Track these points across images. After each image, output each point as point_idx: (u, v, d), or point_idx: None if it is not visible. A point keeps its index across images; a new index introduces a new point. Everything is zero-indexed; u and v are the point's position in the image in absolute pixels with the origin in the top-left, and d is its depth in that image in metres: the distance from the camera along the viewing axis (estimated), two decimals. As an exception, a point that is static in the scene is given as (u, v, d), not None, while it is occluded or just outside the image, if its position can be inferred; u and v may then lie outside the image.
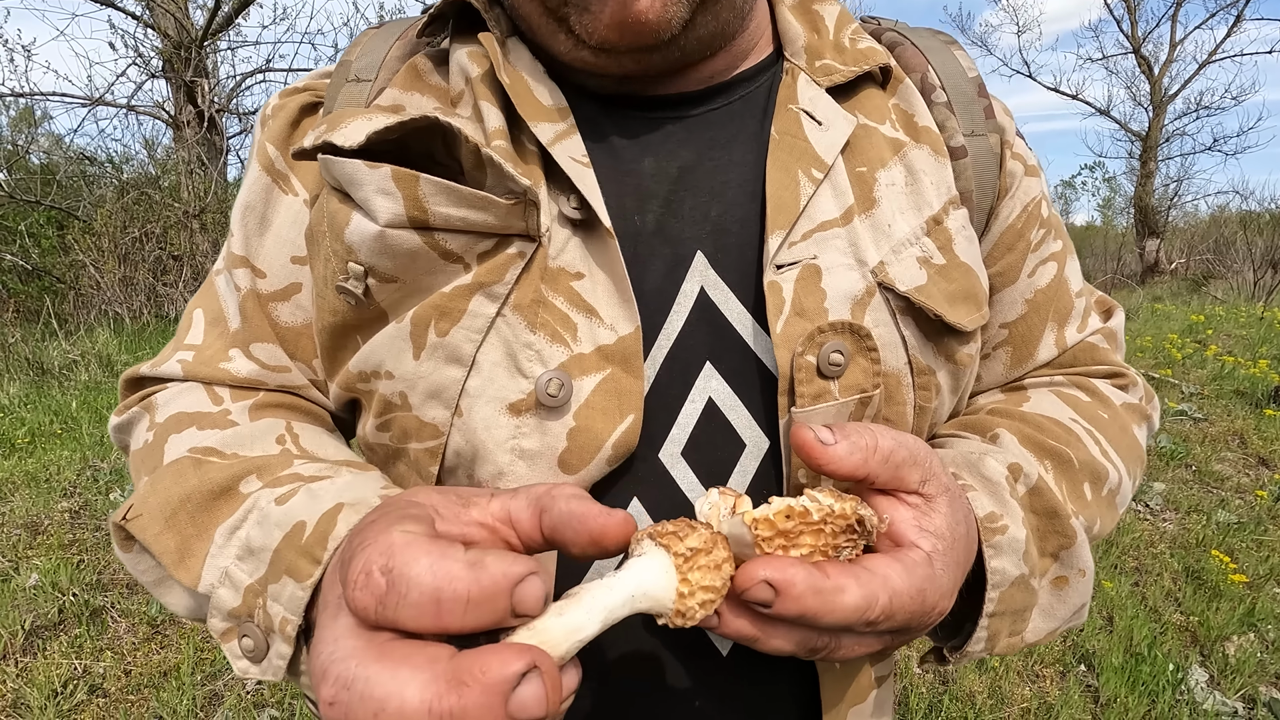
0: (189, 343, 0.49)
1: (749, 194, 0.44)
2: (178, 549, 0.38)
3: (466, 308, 0.39)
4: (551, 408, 0.39)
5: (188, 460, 0.40)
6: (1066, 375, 0.54)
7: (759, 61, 0.48)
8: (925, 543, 0.34)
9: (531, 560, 0.26)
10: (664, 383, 0.41)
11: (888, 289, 0.42)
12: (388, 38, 0.49)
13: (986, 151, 0.48)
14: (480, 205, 0.37)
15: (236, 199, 0.49)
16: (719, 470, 0.42)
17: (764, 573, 0.29)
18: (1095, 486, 0.47)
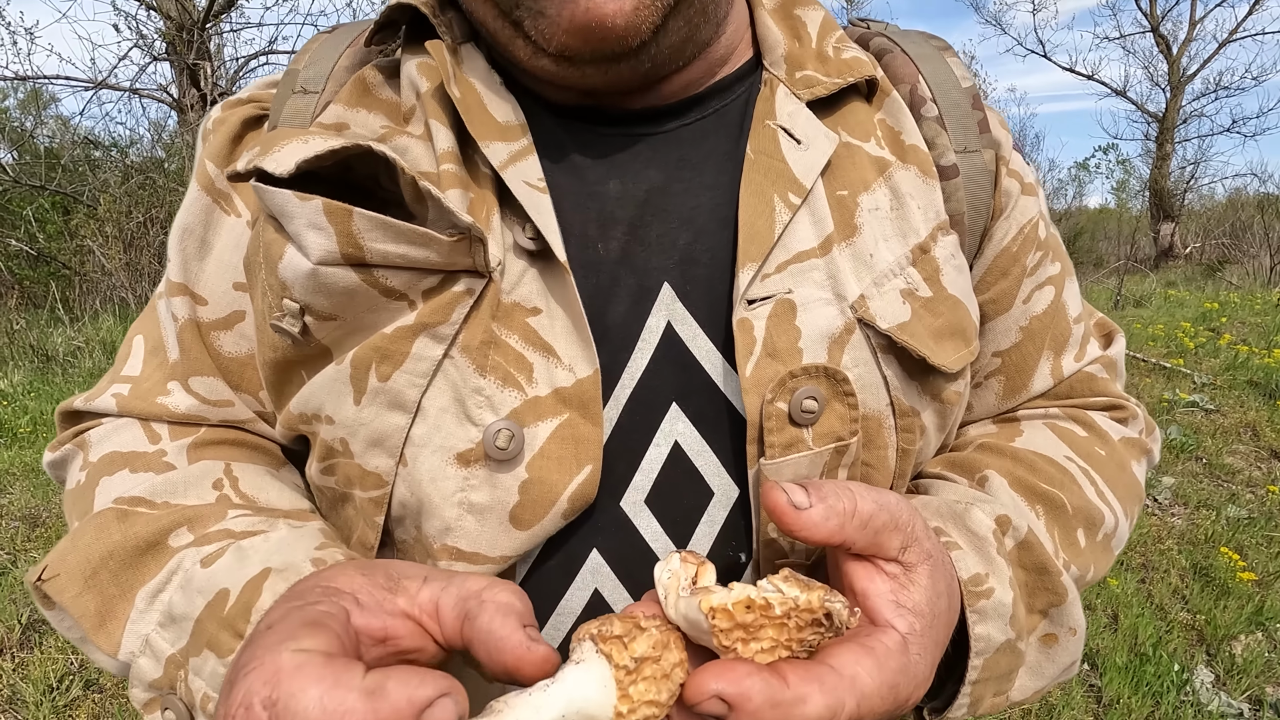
0: (126, 374, 0.46)
1: (721, 220, 0.40)
2: (98, 612, 0.36)
3: (410, 350, 0.36)
4: (502, 461, 0.36)
5: (112, 513, 0.38)
6: (1062, 407, 0.51)
7: (736, 69, 0.44)
8: (901, 623, 0.31)
9: (442, 679, 0.23)
10: (626, 426, 0.39)
11: (868, 326, 0.39)
12: (338, 45, 0.45)
13: (980, 169, 0.45)
14: (420, 241, 0.34)
15: (175, 221, 0.45)
16: (685, 520, 0.39)
17: (716, 685, 0.26)
18: (1089, 532, 0.44)
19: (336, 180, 0.35)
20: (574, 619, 0.38)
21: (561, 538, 0.38)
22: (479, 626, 0.26)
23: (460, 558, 0.36)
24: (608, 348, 0.39)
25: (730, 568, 0.40)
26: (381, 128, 0.41)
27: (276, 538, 0.36)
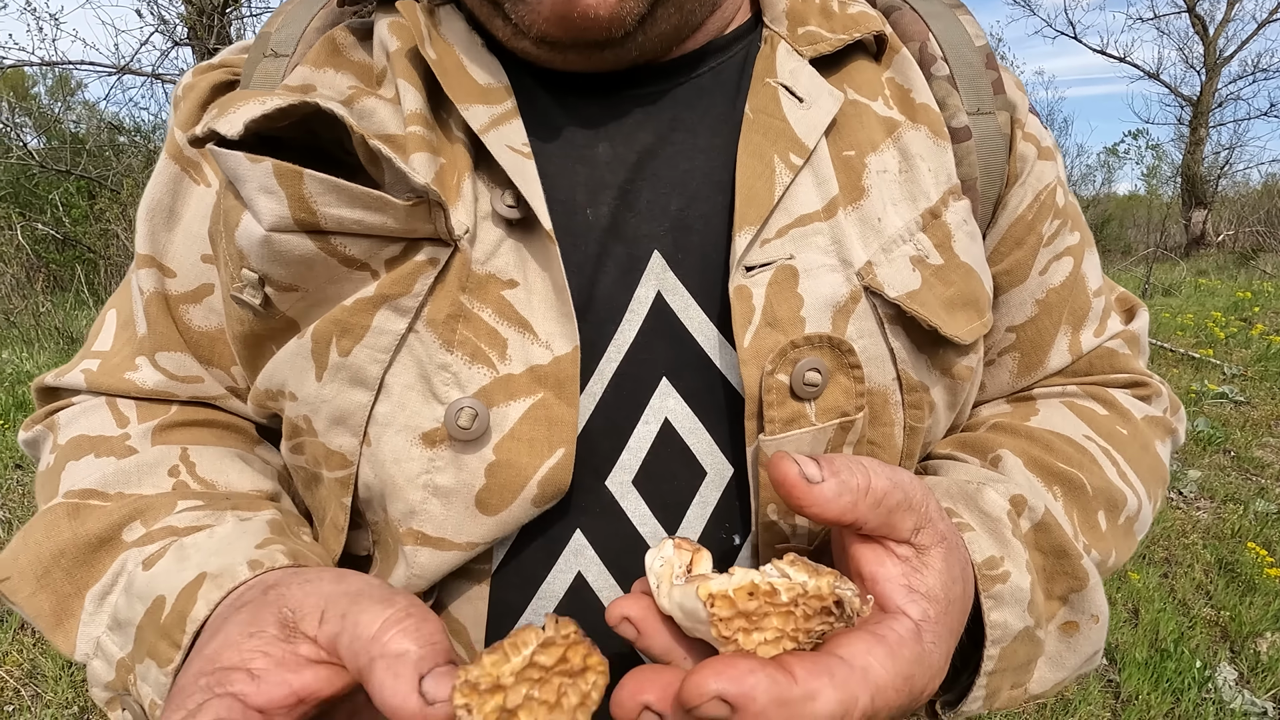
0: (97, 349, 0.45)
1: (716, 184, 0.38)
2: (53, 611, 0.35)
3: (370, 324, 0.34)
4: (467, 441, 0.34)
5: (63, 508, 0.37)
6: (1081, 385, 0.48)
7: (734, 29, 0.42)
8: (914, 609, 0.29)
9: None
10: (612, 403, 0.37)
11: (875, 294, 0.37)
12: (311, 7, 0.43)
13: (994, 132, 0.42)
14: (375, 205, 0.32)
15: (145, 191, 0.44)
16: (675, 501, 0.37)
17: (716, 685, 0.23)
18: (1111, 515, 0.41)
19: (302, 146, 0.33)
20: (555, 603, 0.37)
21: (543, 519, 0.36)
22: (373, 687, 0.23)
23: (426, 542, 0.35)
24: (592, 320, 0.37)
25: (723, 552, 0.38)
26: (349, 88, 0.38)
27: (220, 534, 0.34)
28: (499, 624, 0.37)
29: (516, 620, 0.37)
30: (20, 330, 4.87)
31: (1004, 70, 0.44)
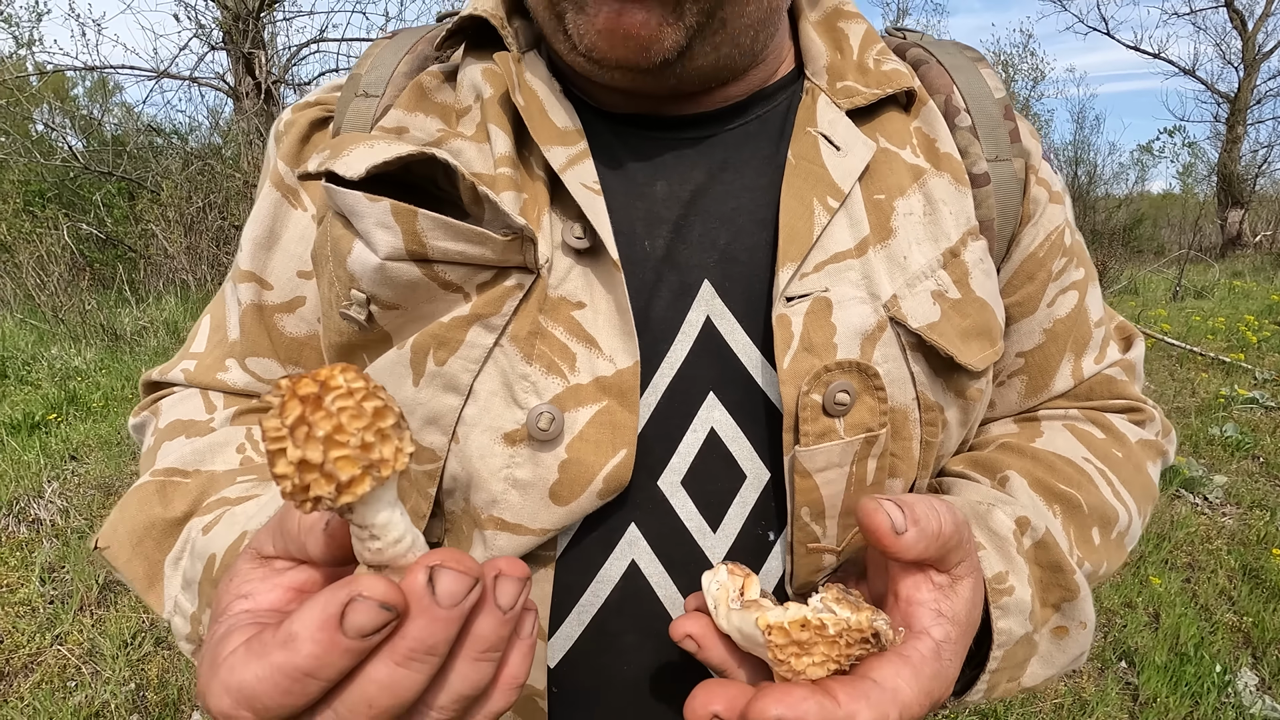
0: (193, 351, 0.51)
1: (760, 221, 0.43)
2: (145, 575, 0.41)
3: (464, 338, 0.39)
4: (543, 441, 0.39)
5: (152, 485, 0.43)
6: (1082, 409, 0.52)
7: (779, 79, 0.47)
8: (939, 631, 0.33)
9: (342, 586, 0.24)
10: (665, 412, 0.41)
11: (899, 324, 0.41)
12: (398, 50, 0.49)
13: (1010, 177, 0.46)
14: (477, 240, 0.37)
15: (250, 215, 0.50)
16: (718, 501, 0.42)
17: (776, 710, 0.29)
18: (1104, 530, 0.46)
19: (397, 179, 0.39)
20: (611, 586, 0.41)
21: (602, 512, 0.41)
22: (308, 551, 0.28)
23: (504, 528, 0.40)
24: (649, 339, 0.41)
25: (759, 546, 0.42)
26: (437, 130, 0.43)
27: (262, 500, 0.40)
28: (561, 605, 0.41)
29: (577, 601, 0.41)
30: (68, 327, 5.06)
31: (1020, 119, 0.48)
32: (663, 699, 0.42)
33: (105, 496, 2.64)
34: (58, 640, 1.90)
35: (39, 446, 2.99)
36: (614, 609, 0.41)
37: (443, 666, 0.25)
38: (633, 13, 0.37)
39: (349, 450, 0.22)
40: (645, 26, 0.37)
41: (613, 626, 0.41)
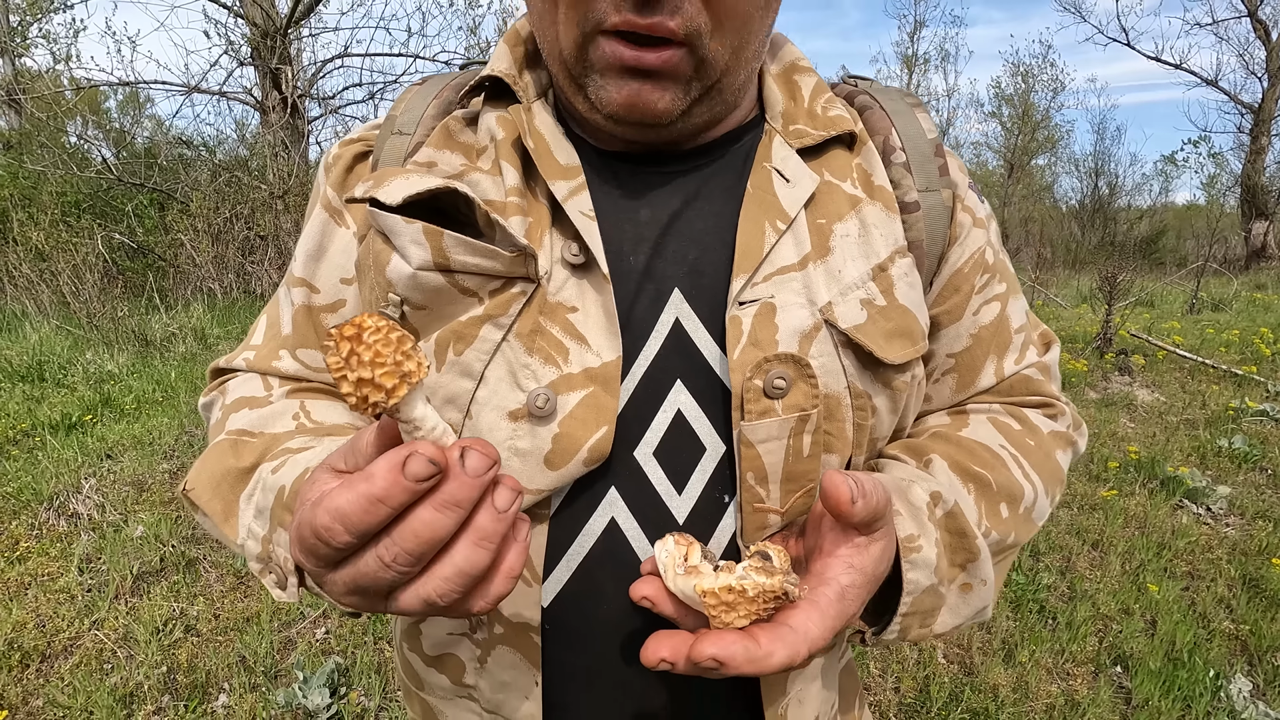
0: (253, 343, 0.60)
1: (723, 241, 0.50)
2: (223, 511, 0.49)
3: (478, 334, 0.47)
4: (540, 417, 0.46)
5: (226, 443, 0.52)
6: (1003, 404, 0.59)
7: (744, 123, 0.55)
8: (845, 579, 0.41)
9: (407, 447, 0.32)
10: (640, 396, 0.48)
11: (832, 325, 0.48)
12: (427, 96, 0.56)
13: (939, 205, 0.53)
14: (490, 256, 0.45)
15: (303, 231, 0.59)
16: (683, 469, 0.48)
17: (711, 650, 0.37)
18: (1012, 505, 0.52)
19: (427, 204, 0.47)
20: (594, 539, 0.48)
21: (588, 478, 0.47)
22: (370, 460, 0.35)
23: None
24: (629, 337, 0.48)
25: (716, 508, 0.49)
26: (460, 165, 0.51)
27: (318, 449, 0.48)
28: (553, 554, 0.48)
29: (566, 552, 0.48)
30: (101, 333, 5.25)
31: (949, 155, 0.55)
32: (635, 634, 0.49)
33: (139, 492, 2.76)
34: (95, 625, 2.02)
35: (77, 446, 3.14)
36: (597, 558, 0.48)
37: (449, 546, 0.33)
38: (651, 91, 0.45)
39: (388, 367, 0.31)
40: (661, 102, 0.45)
41: (596, 573, 0.48)
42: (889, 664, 2.01)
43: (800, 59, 0.57)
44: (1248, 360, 4.92)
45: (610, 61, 0.44)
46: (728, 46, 0.45)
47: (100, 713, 1.69)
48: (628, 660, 0.49)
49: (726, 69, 0.46)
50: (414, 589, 0.34)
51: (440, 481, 0.32)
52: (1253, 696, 1.94)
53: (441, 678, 0.54)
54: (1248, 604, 2.31)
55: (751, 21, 0.45)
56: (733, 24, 0.44)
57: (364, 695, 1.80)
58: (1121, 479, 3.22)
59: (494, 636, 0.50)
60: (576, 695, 0.51)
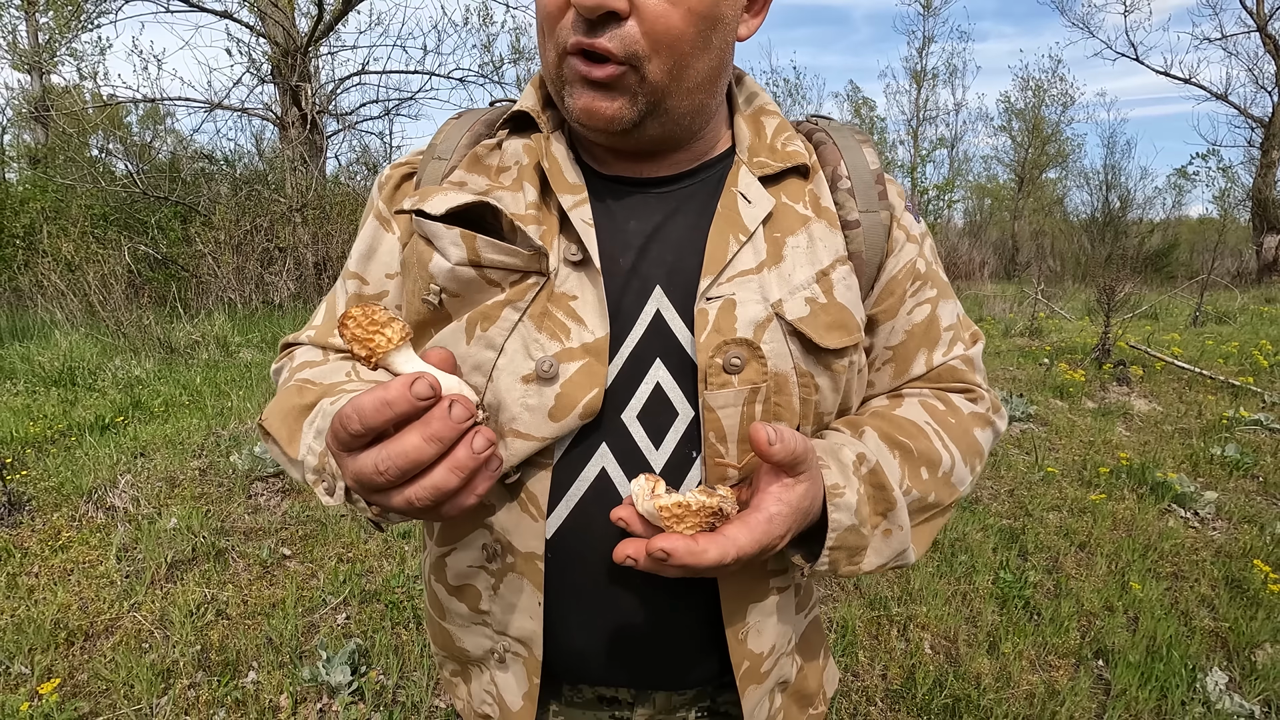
0: (315, 324, 0.73)
1: (696, 249, 0.60)
2: (288, 435, 0.60)
3: (500, 315, 0.57)
4: (546, 380, 0.56)
5: (294, 387, 0.64)
6: (932, 389, 0.70)
7: (718, 154, 0.65)
8: (773, 508, 0.49)
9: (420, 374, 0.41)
10: (627, 370, 0.57)
11: (781, 318, 0.57)
12: (461, 128, 0.67)
13: (877, 223, 0.64)
14: (512, 254, 0.56)
15: (358, 236, 0.71)
16: (660, 429, 0.57)
17: (660, 544, 0.46)
18: (931, 469, 0.62)
19: (460, 214, 0.57)
20: (588, 484, 0.57)
21: (584, 433, 0.57)
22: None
23: (519, 436, 0.56)
24: (619, 322, 0.57)
25: (685, 461, 0.57)
26: (485, 184, 0.62)
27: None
28: (555, 495, 0.57)
29: (565, 493, 0.57)
30: (128, 340, 5.45)
31: (890, 183, 0.65)
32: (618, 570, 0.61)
33: (171, 487, 2.91)
34: (133, 608, 2.16)
35: (112, 445, 3.30)
36: (590, 499, 0.57)
37: (431, 469, 0.42)
38: (600, 99, 0.54)
39: (361, 339, 0.43)
40: (609, 109, 0.55)
41: (589, 511, 0.57)
42: (877, 653, 2.11)
43: (768, 104, 0.69)
44: (1246, 372, 4.98)
45: (573, 75, 0.55)
46: (664, 70, 0.54)
47: (140, 686, 1.83)
48: (613, 582, 0.59)
49: (668, 90, 0.55)
50: (399, 492, 0.43)
51: (430, 418, 0.42)
52: (1228, 689, 2.01)
53: (461, 605, 0.65)
54: (1229, 602, 2.36)
55: (683, 51, 0.54)
56: (667, 50, 0.53)
57: (383, 674, 1.93)
58: (1112, 484, 3.30)
59: (506, 566, 0.60)
60: (571, 612, 0.60)
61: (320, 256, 8.34)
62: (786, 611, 0.66)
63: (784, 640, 0.66)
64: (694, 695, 0.67)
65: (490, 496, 0.59)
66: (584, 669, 0.63)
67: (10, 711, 1.69)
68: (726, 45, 0.58)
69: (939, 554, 2.68)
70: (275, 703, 1.81)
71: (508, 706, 0.64)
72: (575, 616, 0.61)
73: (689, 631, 0.62)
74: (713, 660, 0.63)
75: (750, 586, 0.61)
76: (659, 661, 0.62)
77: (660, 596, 0.60)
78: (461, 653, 0.68)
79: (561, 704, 0.67)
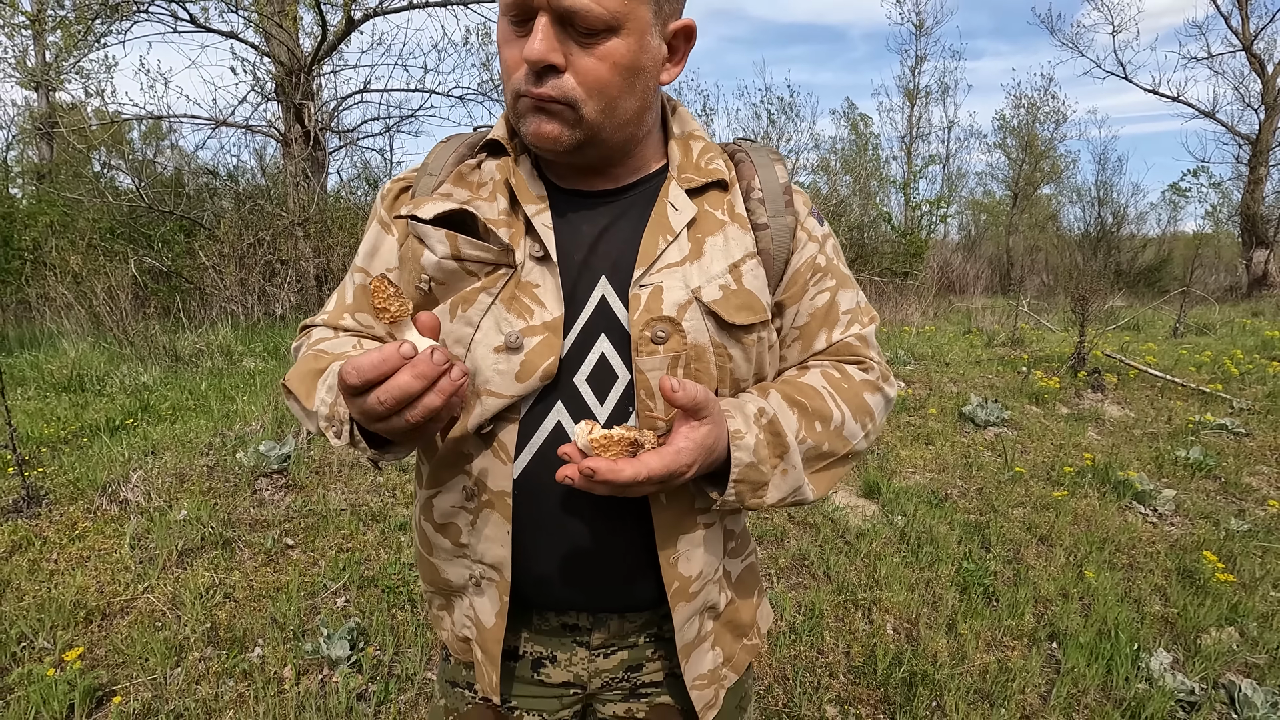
0: (328, 309, 0.88)
1: (633, 247, 0.71)
2: (306, 391, 0.74)
3: (476, 299, 0.68)
4: (513, 350, 0.67)
5: (310, 355, 0.77)
6: (831, 361, 0.80)
7: (653, 171, 0.76)
8: (681, 442, 0.60)
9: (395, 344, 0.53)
10: (578, 343, 0.69)
11: (699, 300, 0.69)
12: (449, 150, 0.78)
13: (783, 227, 0.76)
14: (486, 250, 0.68)
15: (364, 237, 0.85)
16: (604, 390, 0.69)
17: (588, 464, 0.56)
18: (824, 424, 0.73)
19: (446, 218, 0.69)
20: (546, 434, 0.68)
21: (544, 393, 0.68)
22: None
23: (491, 395, 0.67)
24: (572, 305, 0.69)
25: (624, 415, 0.69)
26: (467, 196, 0.73)
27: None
28: (520, 443, 0.68)
29: (529, 441, 0.68)
30: (135, 349, 5.60)
31: (796, 193, 0.77)
32: (571, 494, 0.71)
33: (180, 483, 3.06)
34: (146, 591, 2.29)
35: (124, 444, 3.45)
36: (549, 446, 0.69)
37: (421, 397, 0.53)
38: (545, 124, 0.65)
39: (379, 305, 0.55)
40: (551, 133, 0.66)
41: (547, 455, 0.69)
42: (842, 633, 2.25)
43: (696, 130, 0.83)
44: (1217, 380, 5.14)
45: (525, 109, 0.66)
46: (597, 110, 0.65)
47: (155, 659, 1.97)
48: (568, 514, 0.70)
49: (601, 125, 0.66)
50: (399, 417, 0.54)
51: (419, 361, 0.53)
52: (1172, 668, 2.12)
53: (445, 540, 0.76)
54: (1180, 591, 2.48)
55: (612, 95, 0.65)
56: (598, 95, 0.64)
57: (379, 650, 2.07)
58: (1076, 483, 3.45)
59: (481, 503, 0.72)
60: (534, 539, 0.71)
61: (321, 269, 8.51)
62: (714, 546, 0.77)
63: (711, 569, 0.77)
64: (642, 622, 0.78)
65: (469, 446, 0.71)
66: (547, 593, 0.74)
67: (38, 678, 1.84)
68: (649, 89, 0.69)
69: (906, 544, 2.83)
70: (279, 674, 1.95)
71: (483, 624, 0.76)
72: (538, 545, 0.72)
73: (629, 557, 0.73)
74: (650, 582, 0.74)
75: (679, 519, 0.73)
76: (605, 582, 0.74)
77: (605, 525, 0.71)
78: (446, 584, 0.80)
79: (532, 631, 0.79)
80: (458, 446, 0.71)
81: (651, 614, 0.79)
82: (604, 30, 0.63)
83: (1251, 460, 3.75)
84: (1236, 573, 2.62)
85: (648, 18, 0.65)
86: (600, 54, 0.63)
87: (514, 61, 0.66)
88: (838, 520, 3.02)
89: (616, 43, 0.63)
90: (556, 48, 0.62)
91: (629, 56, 0.65)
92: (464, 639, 0.80)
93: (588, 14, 0.61)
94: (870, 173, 15.30)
